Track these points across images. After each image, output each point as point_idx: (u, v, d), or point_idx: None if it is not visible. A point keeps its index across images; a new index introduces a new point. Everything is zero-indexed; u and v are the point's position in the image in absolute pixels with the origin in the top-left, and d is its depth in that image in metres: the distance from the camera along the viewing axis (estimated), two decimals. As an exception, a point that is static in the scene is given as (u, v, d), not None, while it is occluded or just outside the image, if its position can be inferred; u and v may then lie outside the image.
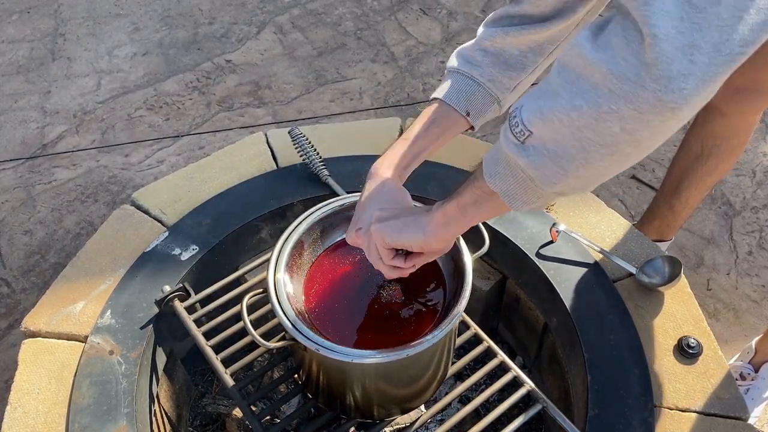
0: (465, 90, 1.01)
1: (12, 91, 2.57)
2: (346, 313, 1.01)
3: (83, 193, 2.19)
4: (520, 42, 0.99)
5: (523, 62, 1.00)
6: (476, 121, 1.02)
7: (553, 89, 0.62)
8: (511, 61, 1.00)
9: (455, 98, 1.01)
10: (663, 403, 1.08)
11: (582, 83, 0.58)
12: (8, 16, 2.91)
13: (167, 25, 2.86)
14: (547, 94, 0.63)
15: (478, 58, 1.01)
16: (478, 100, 1.01)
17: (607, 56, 0.55)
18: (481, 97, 1.01)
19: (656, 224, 1.78)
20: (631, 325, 1.17)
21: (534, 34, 0.97)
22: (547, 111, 0.62)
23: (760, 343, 1.70)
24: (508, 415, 1.13)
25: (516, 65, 1.00)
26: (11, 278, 1.97)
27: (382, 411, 1.07)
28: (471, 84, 1.01)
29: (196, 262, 1.25)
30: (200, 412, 1.43)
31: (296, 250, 1.02)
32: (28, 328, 1.16)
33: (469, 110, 1.01)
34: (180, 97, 2.54)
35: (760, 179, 2.25)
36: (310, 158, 1.37)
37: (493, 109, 1.03)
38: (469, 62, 1.01)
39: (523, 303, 1.41)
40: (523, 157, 0.67)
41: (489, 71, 1.00)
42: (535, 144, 0.66)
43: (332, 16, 2.91)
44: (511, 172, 0.71)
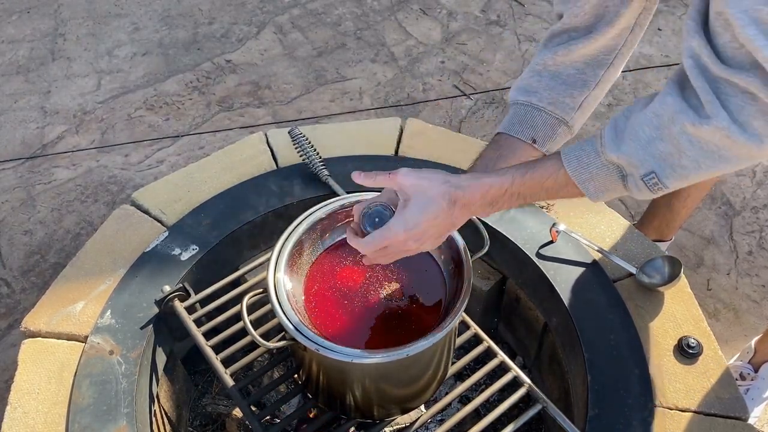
0: (526, 118, 0.99)
1: (12, 91, 2.57)
2: (346, 313, 1.01)
3: (83, 193, 2.19)
4: (573, 58, 0.97)
5: (583, 78, 0.98)
6: (545, 146, 0.99)
7: (693, 159, 0.72)
8: (570, 80, 0.98)
9: (518, 128, 0.99)
10: (663, 403, 1.08)
11: (724, 156, 0.71)
12: (8, 16, 2.91)
13: (167, 25, 2.86)
14: (688, 165, 0.73)
15: (534, 85, 0.99)
16: (542, 126, 0.98)
17: (754, 139, 0.67)
18: (544, 121, 0.99)
19: (656, 224, 1.78)
20: (631, 325, 1.17)
21: (584, 47, 0.96)
22: (692, 176, 0.75)
23: (759, 343, 1.70)
24: (508, 415, 1.13)
25: (576, 83, 0.98)
26: (11, 278, 1.97)
27: (382, 411, 1.07)
28: (531, 111, 0.99)
29: (196, 262, 1.25)
30: (200, 412, 1.43)
31: (296, 250, 1.02)
32: (28, 328, 1.16)
33: (535, 137, 0.99)
34: (180, 97, 2.54)
35: (760, 179, 2.25)
36: (310, 158, 1.37)
37: (561, 132, 1.00)
38: (526, 90, 1.00)
39: (523, 303, 1.41)
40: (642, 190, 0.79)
41: (547, 95, 0.98)
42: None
43: (332, 16, 2.91)
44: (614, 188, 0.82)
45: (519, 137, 0.99)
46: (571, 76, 0.98)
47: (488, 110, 2.50)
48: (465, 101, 2.53)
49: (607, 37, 0.95)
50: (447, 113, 2.49)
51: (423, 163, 1.42)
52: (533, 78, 1.00)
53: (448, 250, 1.03)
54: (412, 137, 1.51)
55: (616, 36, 0.95)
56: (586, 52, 0.97)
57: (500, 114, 2.48)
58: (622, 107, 2.48)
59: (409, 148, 1.48)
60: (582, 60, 0.98)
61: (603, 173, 0.80)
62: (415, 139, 1.50)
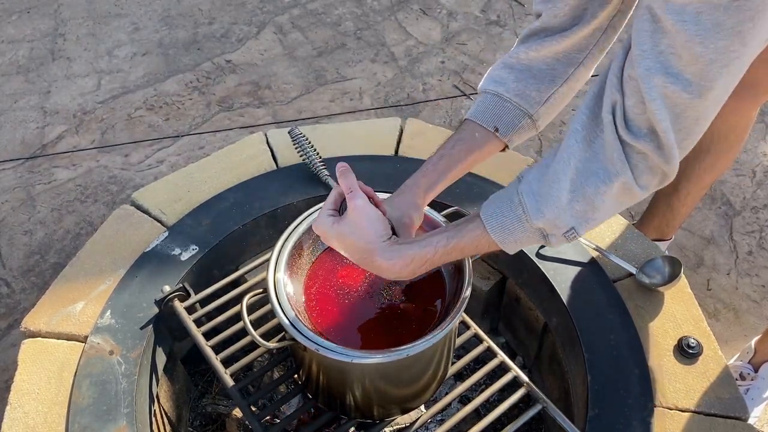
0: (491, 107, 1.02)
1: (12, 91, 2.57)
2: (346, 313, 1.01)
3: (83, 193, 2.19)
4: (545, 54, 1.00)
5: (552, 74, 1.01)
6: (507, 136, 1.02)
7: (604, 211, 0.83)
8: (539, 75, 1.01)
9: (481, 115, 1.02)
10: (663, 403, 1.08)
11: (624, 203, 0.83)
12: (8, 16, 2.91)
13: (167, 25, 2.86)
14: (599, 216, 0.83)
15: (503, 75, 1.02)
16: (506, 115, 1.01)
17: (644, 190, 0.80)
18: (508, 112, 1.01)
19: (656, 223, 1.78)
20: (631, 325, 1.17)
21: (556, 44, 0.98)
22: (600, 222, 0.85)
23: (759, 343, 1.70)
24: (508, 415, 1.13)
25: (544, 78, 1.01)
26: (11, 278, 1.97)
27: (382, 411, 1.07)
28: (497, 100, 1.02)
29: (196, 262, 1.25)
30: (200, 412, 1.43)
31: (296, 250, 1.02)
32: (28, 328, 1.16)
33: (497, 126, 1.01)
34: (180, 97, 2.54)
35: (760, 179, 2.25)
36: (310, 158, 1.36)
37: (525, 124, 1.02)
38: (495, 81, 1.03)
39: (523, 303, 1.41)
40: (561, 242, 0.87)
41: (514, 86, 1.01)
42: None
43: (332, 16, 2.91)
44: (535, 243, 0.89)
45: (482, 125, 1.02)
46: (541, 71, 1.01)
47: (488, 110, 2.49)
48: (465, 101, 2.53)
49: (579, 35, 0.97)
50: (447, 113, 2.49)
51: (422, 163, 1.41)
52: (504, 70, 1.03)
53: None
54: (412, 137, 1.51)
55: (588, 35, 0.98)
56: (558, 49, 0.99)
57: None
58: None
59: (409, 148, 1.48)
60: (553, 56, 1.00)
61: (526, 236, 0.87)
62: (415, 139, 1.50)
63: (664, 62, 0.71)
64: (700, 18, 0.67)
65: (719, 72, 0.70)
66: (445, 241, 0.88)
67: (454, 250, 0.89)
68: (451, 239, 0.88)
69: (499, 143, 1.03)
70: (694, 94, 0.72)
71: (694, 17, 0.67)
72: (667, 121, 0.73)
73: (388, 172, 1.40)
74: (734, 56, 0.70)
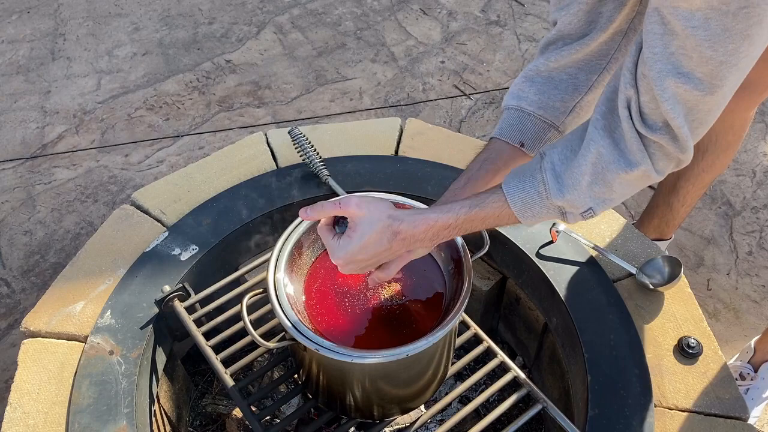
0: (515, 123, 1.01)
1: (12, 91, 2.57)
2: (346, 313, 1.01)
3: (83, 193, 2.19)
4: (566, 64, 0.99)
5: (574, 83, 1.00)
6: (535, 150, 1.02)
7: (620, 193, 0.86)
8: (561, 85, 1.00)
9: (507, 132, 1.01)
10: (663, 403, 1.09)
11: (639, 186, 0.86)
12: (8, 16, 2.91)
13: (167, 25, 2.86)
14: (616, 197, 0.86)
15: (524, 89, 1.02)
16: (530, 129, 1.01)
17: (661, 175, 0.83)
18: (533, 125, 1.01)
19: (655, 222, 1.78)
20: (631, 325, 1.17)
21: (576, 52, 0.97)
22: (616, 203, 0.88)
23: (759, 343, 1.70)
24: (508, 415, 1.13)
25: (567, 88, 1.00)
26: (11, 278, 1.97)
27: (382, 411, 1.07)
28: (520, 115, 1.01)
29: (196, 262, 1.25)
30: (200, 412, 1.43)
31: (296, 250, 1.02)
32: (28, 328, 1.16)
33: (523, 140, 1.01)
34: (180, 97, 2.54)
35: (760, 179, 2.25)
36: (310, 158, 1.37)
37: (552, 137, 1.02)
38: (517, 96, 1.03)
39: (523, 303, 1.41)
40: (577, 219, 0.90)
41: (536, 99, 1.01)
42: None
43: (332, 16, 2.91)
44: (552, 219, 0.92)
45: (508, 141, 1.01)
46: (562, 81, 1.00)
47: (488, 110, 2.50)
48: (465, 101, 2.53)
49: (598, 41, 0.96)
50: (447, 113, 2.49)
51: (423, 163, 1.42)
52: (525, 83, 1.03)
53: (448, 250, 1.03)
54: (412, 137, 1.51)
55: (608, 40, 0.97)
56: (578, 57, 0.98)
57: (500, 114, 2.47)
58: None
59: (409, 148, 1.48)
60: (573, 65, 0.99)
61: (545, 212, 0.89)
62: (415, 139, 1.50)
63: (675, 63, 0.73)
64: (708, 24, 0.68)
65: (729, 71, 0.72)
66: (467, 209, 0.88)
67: (476, 218, 0.89)
68: (473, 207, 0.89)
69: (525, 157, 1.02)
70: (706, 91, 0.74)
71: (703, 23, 0.68)
72: (680, 117, 0.76)
73: (388, 172, 1.40)
74: (743, 56, 0.71)
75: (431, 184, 1.36)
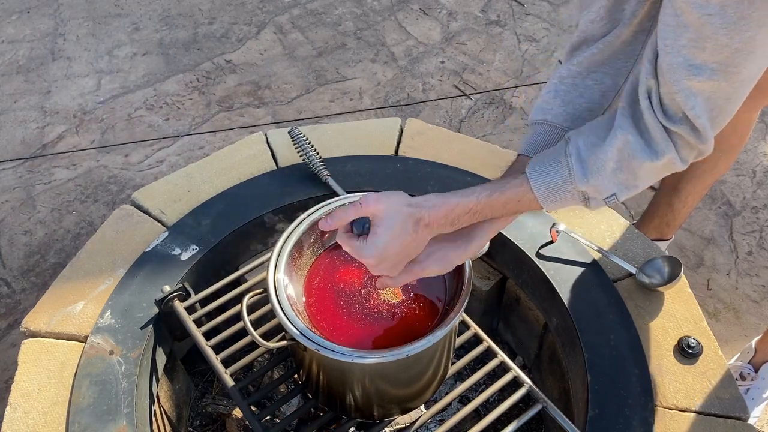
0: (540, 137, 0.99)
1: (12, 91, 2.57)
2: (346, 313, 1.01)
3: (83, 193, 2.19)
4: (590, 66, 0.96)
5: (601, 89, 0.97)
6: None
7: (644, 181, 0.86)
8: (587, 92, 0.97)
9: (531, 148, 0.98)
10: (663, 403, 1.08)
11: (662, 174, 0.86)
12: (8, 16, 2.91)
13: (167, 25, 2.86)
14: (640, 185, 0.86)
15: (548, 101, 0.99)
16: (556, 143, 0.96)
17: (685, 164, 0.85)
18: (559, 138, 0.97)
19: (656, 223, 1.78)
20: (631, 325, 1.17)
21: (600, 51, 0.94)
22: (640, 190, 0.87)
23: (760, 343, 1.70)
24: (508, 415, 1.13)
25: (593, 95, 0.97)
26: (11, 278, 1.97)
27: (382, 411, 1.07)
28: (546, 129, 0.99)
29: (196, 262, 1.25)
30: (200, 412, 1.43)
31: (296, 250, 1.01)
32: (28, 328, 1.16)
33: None
34: (180, 97, 2.54)
35: (760, 179, 2.25)
36: (310, 158, 1.37)
37: None
38: (542, 109, 1.00)
39: (523, 303, 1.41)
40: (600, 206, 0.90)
41: (561, 110, 0.98)
42: None
43: (332, 16, 2.91)
44: (574, 205, 0.90)
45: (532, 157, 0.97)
46: (588, 87, 0.97)
47: (488, 110, 2.50)
48: (465, 101, 2.53)
49: (622, 38, 0.93)
50: (447, 113, 2.49)
51: (423, 163, 1.42)
52: (549, 95, 0.99)
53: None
54: (412, 137, 1.51)
55: (632, 40, 0.93)
56: (603, 57, 0.95)
57: (500, 114, 2.48)
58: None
59: (409, 148, 1.48)
60: (599, 68, 0.96)
61: (569, 197, 0.88)
62: (415, 139, 1.50)
63: (687, 56, 0.72)
64: (725, 11, 0.68)
65: (745, 59, 0.72)
66: (488, 193, 0.87)
67: (496, 203, 0.88)
68: (494, 191, 0.87)
69: None
70: (721, 79, 0.73)
71: (719, 10, 0.68)
72: (697, 108, 0.76)
73: (388, 172, 1.40)
74: (759, 44, 0.70)
75: (431, 184, 1.36)
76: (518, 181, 0.88)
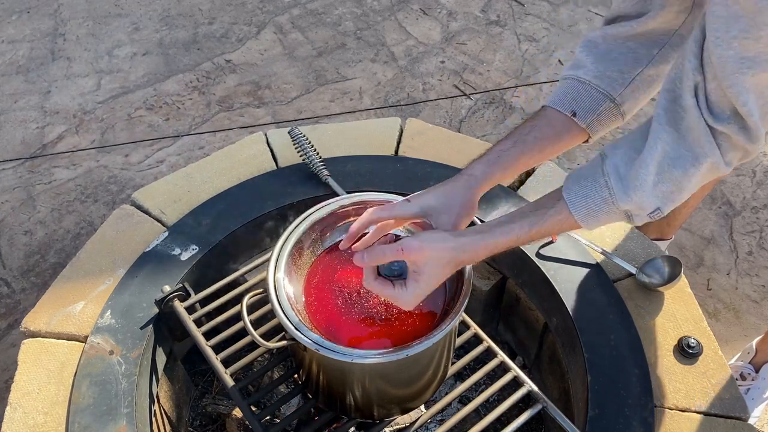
0: (568, 91, 0.98)
1: (12, 91, 2.57)
2: (346, 313, 1.01)
3: (83, 193, 2.19)
4: (624, 38, 0.96)
5: (635, 56, 0.96)
6: (587, 121, 0.97)
7: (689, 190, 0.82)
8: (620, 57, 0.96)
9: (559, 100, 0.98)
10: (663, 403, 1.08)
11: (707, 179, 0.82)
12: (8, 16, 2.91)
13: (167, 25, 2.86)
14: (684, 195, 0.83)
15: (581, 58, 0.98)
16: (584, 99, 0.97)
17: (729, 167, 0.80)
18: (587, 94, 0.96)
19: (656, 223, 1.78)
20: (631, 325, 1.17)
21: (634, 29, 0.94)
22: (684, 199, 0.84)
23: (761, 343, 1.70)
24: (508, 415, 1.13)
25: (626, 59, 0.96)
26: (11, 278, 1.97)
27: (382, 411, 1.07)
28: (575, 84, 0.97)
29: (196, 262, 1.25)
30: (200, 412, 1.43)
31: (296, 250, 1.01)
32: (28, 328, 1.16)
33: (575, 110, 0.97)
34: (180, 97, 2.54)
35: (760, 179, 2.25)
36: (310, 158, 1.37)
37: (606, 108, 0.97)
38: (574, 65, 0.99)
39: (523, 303, 1.41)
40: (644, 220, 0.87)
41: (593, 68, 0.97)
42: None
43: (332, 16, 2.91)
44: (613, 218, 0.87)
45: (560, 110, 0.97)
46: (621, 54, 0.96)
47: (488, 110, 2.50)
48: (465, 101, 2.53)
49: (659, 20, 0.92)
50: (447, 113, 2.49)
51: (423, 163, 1.42)
52: (582, 53, 0.99)
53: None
54: (412, 137, 1.51)
55: (671, 19, 0.93)
56: (638, 33, 0.94)
57: (500, 114, 2.48)
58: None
59: (409, 148, 1.48)
60: (633, 40, 0.95)
61: (612, 217, 0.86)
62: (415, 139, 1.50)
63: (738, 48, 0.69)
64: None
65: None
66: (528, 228, 0.86)
67: (536, 235, 0.87)
68: (533, 225, 0.86)
69: (580, 132, 0.98)
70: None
71: None
72: (749, 104, 0.72)
73: (388, 172, 1.40)
74: None
75: (431, 184, 1.36)
76: (556, 209, 0.87)
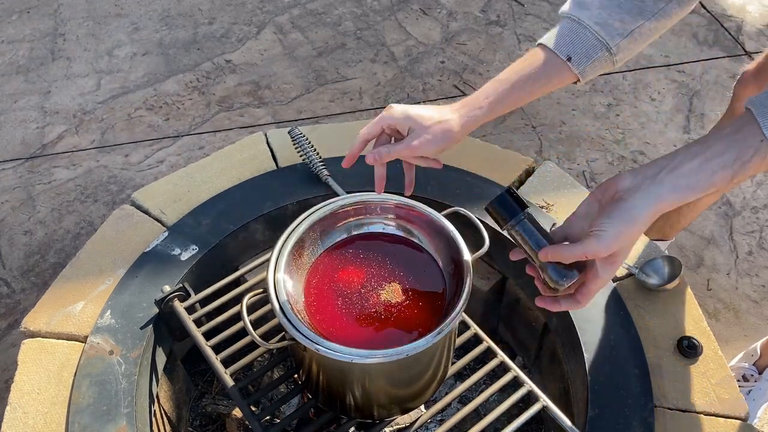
0: (568, 33, 0.94)
1: (12, 91, 2.57)
2: (346, 313, 1.01)
3: (83, 193, 2.19)
4: None
5: (641, 7, 0.93)
6: (580, 67, 0.95)
7: None
8: (626, 5, 0.93)
9: (556, 41, 0.94)
10: (663, 403, 1.08)
11: None
12: (8, 16, 2.91)
13: (167, 25, 2.87)
14: None
15: (587, 1, 0.95)
16: (582, 44, 0.94)
17: None
18: (586, 40, 0.94)
19: (659, 224, 1.77)
20: (631, 325, 1.17)
21: None
22: None
23: (765, 347, 1.69)
24: (508, 415, 1.13)
25: (632, 9, 0.93)
26: (11, 278, 1.97)
27: (382, 411, 1.07)
28: (575, 27, 0.94)
29: (196, 262, 1.25)
30: (200, 412, 1.43)
31: (296, 250, 1.01)
32: (28, 328, 1.16)
33: (571, 54, 0.94)
34: (180, 97, 2.54)
35: (760, 179, 2.25)
36: (310, 158, 1.37)
37: (601, 57, 0.95)
38: (579, 5, 0.95)
39: (523, 303, 1.41)
40: None
41: (597, 13, 0.93)
42: None
43: (332, 16, 2.91)
44: None
45: (555, 51, 0.95)
46: (628, 1, 0.94)
47: (488, 110, 2.49)
48: (465, 101, 2.52)
49: None
50: (447, 113, 2.48)
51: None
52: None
53: (448, 250, 1.03)
54: (412, 137, 1.50)
55: None
56: None
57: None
58: (622, 107, 2.48)
59: (409, 148, 1.48)
60: None
61: None
62: (415, 139, 1.50)
63: None
64: None
65: None
66: (731, 173, 0.72)
67: (736, 181, 0.74)
68: (737, 173, 0.72)
69: (571, 75, 0.96)
70: None
71: None
72: None
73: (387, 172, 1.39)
74: None
75: (431, 184, 1.36)
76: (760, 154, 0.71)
